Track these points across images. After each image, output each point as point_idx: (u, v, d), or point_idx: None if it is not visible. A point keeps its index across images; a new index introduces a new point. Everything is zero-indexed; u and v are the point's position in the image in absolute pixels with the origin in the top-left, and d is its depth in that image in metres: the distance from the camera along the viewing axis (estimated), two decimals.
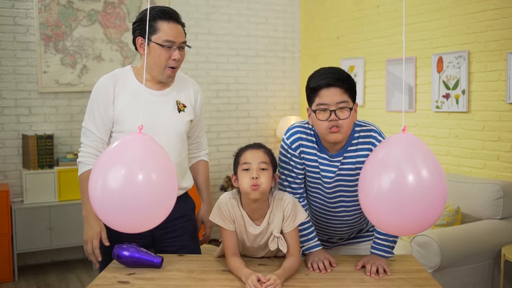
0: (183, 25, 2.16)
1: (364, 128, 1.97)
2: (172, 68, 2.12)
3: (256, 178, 1.82)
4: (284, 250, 1.92)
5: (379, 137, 1.95)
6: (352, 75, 4.96)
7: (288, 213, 1.93)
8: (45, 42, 4.56)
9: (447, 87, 3.95)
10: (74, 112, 4.74)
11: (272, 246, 1.92)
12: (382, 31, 4.62)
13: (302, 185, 2.06)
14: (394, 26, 4.49)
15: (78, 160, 2.17)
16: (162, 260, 1.95)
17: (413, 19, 4.25)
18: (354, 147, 1.96)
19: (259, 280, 1.72)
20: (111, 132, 2.18)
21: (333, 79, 1.86)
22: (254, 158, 1.86)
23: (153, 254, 1.96)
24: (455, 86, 3.89)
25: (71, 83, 4.69)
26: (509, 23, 3.52)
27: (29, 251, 4.35)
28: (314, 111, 1.89)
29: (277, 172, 1.92)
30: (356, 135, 1.96)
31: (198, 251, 2.33)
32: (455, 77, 3.88)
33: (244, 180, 1.84)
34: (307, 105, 2.01)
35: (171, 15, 2.09)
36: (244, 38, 5.47)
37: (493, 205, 3.40)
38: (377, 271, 1.88)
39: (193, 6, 5.20)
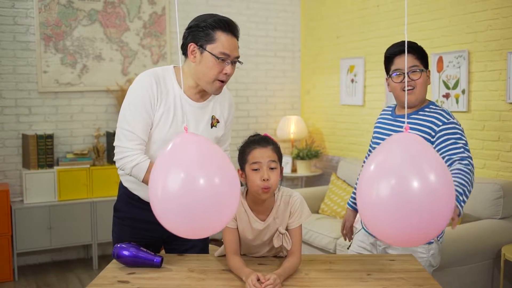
0: (238, 38, 2.06)
1: (435, 108, 2.19)
2: (222, 81, 2.03)
3: (267, 179, 1.82)
4: (288, 247, 1.92)
5: (446, 115, 2.13)
6: (352, 75, 4.96)
7: (295, 209, 1.94)
8: (45, 41, 4.56)
9: (447, 87, 3.95)
10: (74, 111, 4.74)
11: (277, 243, 1.93)
12: (382, 31, 4.61)
13: None
14: (394, 26, 4.49)
15: (130, 165, 1.99)
16: (162, 259, 1.96)
17: (413, 19, 4.25)
18: (421, 116, 2.17)
19: (258, 280, 1.72)
20: None
21: (407, 47, 2.11)
22: (263, 157, 1.84)
23: (152, 254, 1.96)
24: (455, 85, 3.89)
25: (71, 82, 4.69)
26: (509, 23, 3.52)
27: (29, 250, 4.35)
28: (391, 76, 2.17)
29: (282, 165, 1.93)
30: (427, 109, 2.18)
31: (206, 251, 2.32)
32: (455, 76, 3.88)
33: (255, 182, 1.83)
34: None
35: (231, 28, 1.99)
36: (244, 37, 5.46)
37: (493, 204, 3.40)
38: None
39: (193, 5, 5.20)
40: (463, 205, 1.99)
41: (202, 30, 1.97)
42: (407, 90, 2.12)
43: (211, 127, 2.15)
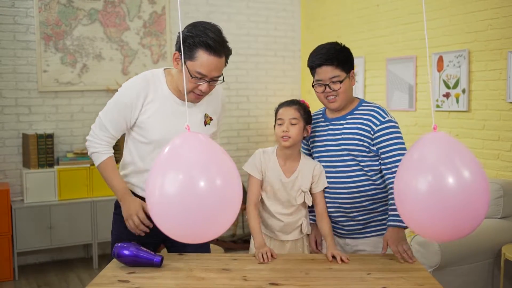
0: (228, 54, 2.04)
1: (369, 105, 2.24)
2: (197, 94, 2.07)
3: (286, 131, 2.15)
4: (309, 203, 2.22)
5: (382, 113, 2.17)
6: None
7: (318, 175, 2.22)
8: (45, 41, 4.56)
9: (448, 86, 3.95)
10: (74, 111, 4.74)
11: (299, 200, 2.20)
12: (382, 30, 4.61)
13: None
14: (394, 25, 4.49)
15: (91, 150, 2.17)
16: (162, 259, 1.96)
17: (414, 18, 4.25)
18: (355, 116, 2.21)
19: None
20: (132, 132, 2.16)
21: (323, 59, 2.17)
22: (286, 114, 2.18)
23: (153, 253, 1.96)
24: (456, 85, 3.89)
25: (71, 82, 4.69)
26: (509, 22, 3.52)
27: (29, 250, 4.35)
28: (314, 85, 2.22)
29: (309, 125, 2.23)
30: (361, 108, 2.23)
31: (207, 248, 2.33)
32: (456, 76, 3.88)
33: (278, 132, 2.19)
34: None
35: (214, 49, 1.97)
36: (244, 37, 5.47)
37: (493, 204, 3.39)
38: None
39: (193, 5, 5.20)
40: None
41: (188, 45, 1.99)
42: (330, 99, 2.18)
43: (205, 125, 2.20)
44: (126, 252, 1.95)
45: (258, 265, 1.97)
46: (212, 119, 2.23)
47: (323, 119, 2.31)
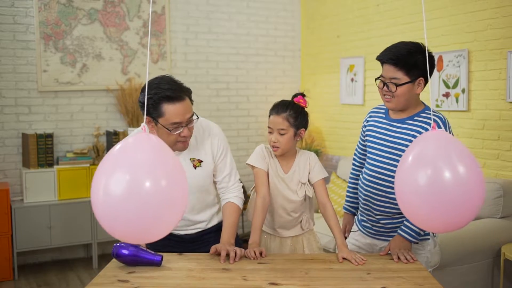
0: (190, 93, 2.08)
1: (432, 114, 2.14)
2: (182, 142, 2.10)
3: (275, 141, 2.18)
4: (310, 194, 2.25)
5: (441, 125, 2.09)
6: (352, 74, 4.96)
7: (314, 164, 2.26)
8: (45, 40, 4.56)
9: (447, 86, 3.95)
10: (74, 111, 4.74)
11: (300, 193, 2.23)
12: (382, 30, 4.61)
13: (361, 156, 2.44)
14: (394, 25, 4.49)
15: None
16: (162, 258, 1.96)
17: (413, 18, 4.25)
18: (416, 122, 2.16)
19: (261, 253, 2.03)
20: None
21: (388, 57, 2.13)
22: (274, 124, 2.19)
23: (152, 253, 1.96)
24: (455, 85, 3.89)
25: (71, 81, 4.69)
26: (509, 22, 3.52)
27: (29, 249, 4.35)
28: (376, 79, 2.20)
29: (302, 128, 2.22)
30: (422, 115, 2.17)
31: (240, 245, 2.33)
32: (455, 76, 3.88)
33: (268, 140, 2.23)
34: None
35: (175, 96, 2.01)
36: (244, 36, 5.47)
37: (493, 204, 3.40)
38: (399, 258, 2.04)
39: (193, 4, 5.20)
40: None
41: (152, 106, 2.02)
42: (386, 98, 2.16)
43: (195, 168, 2.20)
44: (125, 251, 1.95)
45: (258, 265, 1.97)
46: (202, 161, 2.21)
47: (383, 116, 2.29)
